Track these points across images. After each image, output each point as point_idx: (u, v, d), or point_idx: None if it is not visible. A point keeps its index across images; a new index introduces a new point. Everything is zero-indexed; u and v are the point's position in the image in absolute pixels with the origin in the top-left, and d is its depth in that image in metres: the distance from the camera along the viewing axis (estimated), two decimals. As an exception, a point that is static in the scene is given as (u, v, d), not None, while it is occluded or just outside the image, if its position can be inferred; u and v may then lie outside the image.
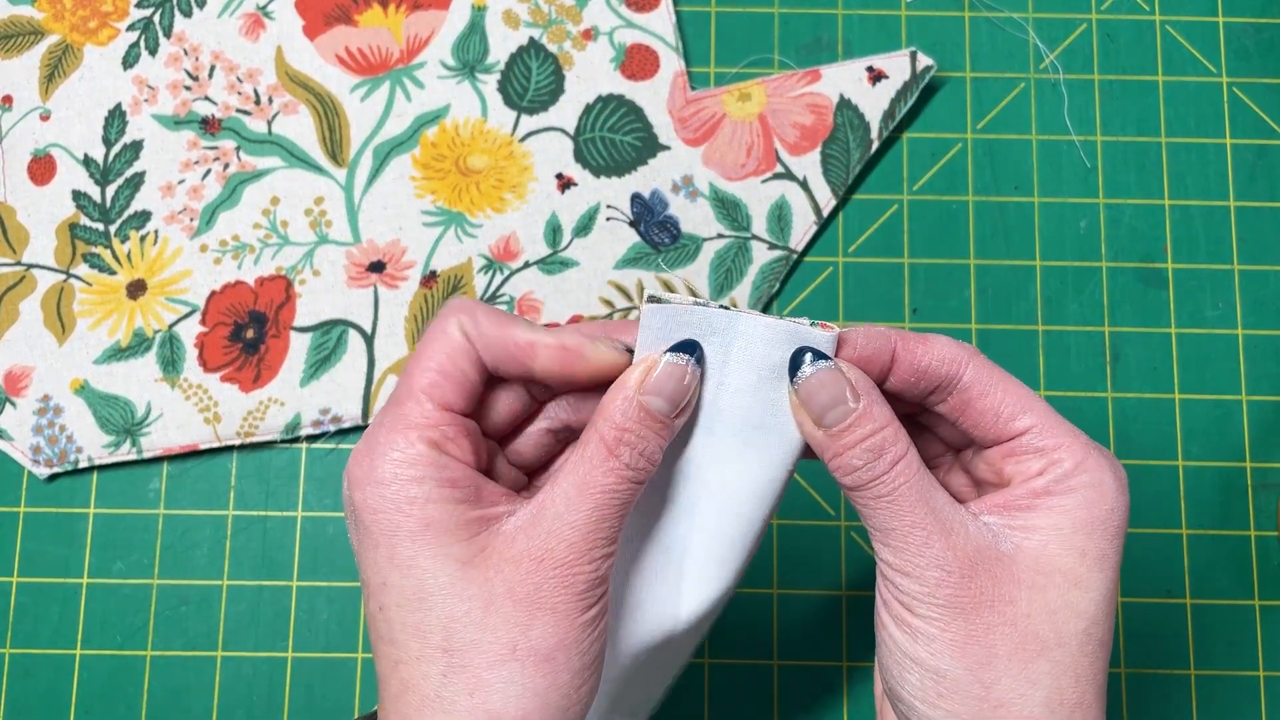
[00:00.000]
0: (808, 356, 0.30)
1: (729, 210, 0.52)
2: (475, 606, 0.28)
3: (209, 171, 0.53)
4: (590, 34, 0.54)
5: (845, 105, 0.53)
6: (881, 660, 0.30)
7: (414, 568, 0.28)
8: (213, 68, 0.54)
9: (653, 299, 0.30)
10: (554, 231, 0.52)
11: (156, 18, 0.54)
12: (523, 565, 0.28)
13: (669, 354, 0.30)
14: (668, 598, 0.32)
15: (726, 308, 0.30)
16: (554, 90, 0.53)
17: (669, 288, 0.51)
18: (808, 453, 0.31)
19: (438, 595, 0.28)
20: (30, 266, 0.52)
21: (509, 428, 0.33)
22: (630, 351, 0.31)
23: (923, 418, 0.33)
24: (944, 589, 0.28)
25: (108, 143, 0.53)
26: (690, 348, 0.30)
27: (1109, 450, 0.30)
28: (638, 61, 0.54)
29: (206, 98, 0.53)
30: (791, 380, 0.30)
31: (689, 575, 0.32)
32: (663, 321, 0.30)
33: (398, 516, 0.28)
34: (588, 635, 0.29)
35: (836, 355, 0.30)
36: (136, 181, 0.53)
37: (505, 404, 0.32)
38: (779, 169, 0.52)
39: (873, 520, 0.29)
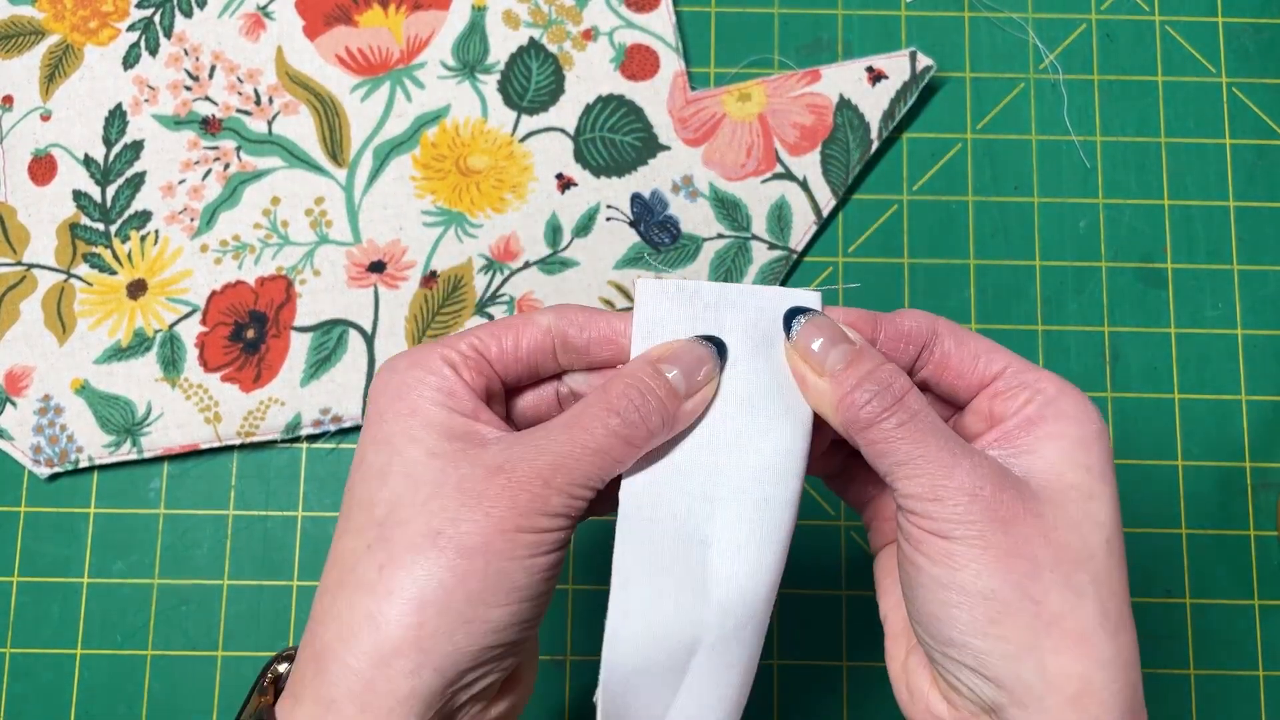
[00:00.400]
0: (799, 314, 0.31)
1: (729, 210, 0.52)
2: (423, 491, 0.28)
3: (209, 171, 0.53)
4: (590, 34, 0.54)
5: (845, 105, 0.53)
6: (920, 612, 0.30)
7: (387, 445, 0.29)
8: (213, 68, 0.54)
9: (646, 277, 0.30)
10: (554, 231, 0.52)
11: (157, 18, 0.54)
12: (481, 468, 0.29)
13: (692, 337, 0.31)
14: (692, 594, 0.30)
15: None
16: (554, 90, 0.53)
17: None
18: (816, 437, 0.31)
19: (397, 474, 0.29)
20: (31, 266, 0.52)
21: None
22: None
23: None
24: (979, 503, 0.28)
25: (108, 143, 0.53)
26: (715, 342, 0.31)
27: None
28: (638, 62, 0.54)
29: (207, 98, 0.53)
30: (788, 337, 0.31)
31: (714, 569, 0.30)
32: (655, 297, 0.31)
33: (393, 401, 0.30)
34: (515, 553, 0.28)
35: None
36: (137, 181, 0.53)
37: (531, 403, 0.34)
38: (779, 169, 0.52)
39: (892, 456, 0.29)
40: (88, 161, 0.53)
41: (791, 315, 0.31)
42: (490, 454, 0.29)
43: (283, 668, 0.33)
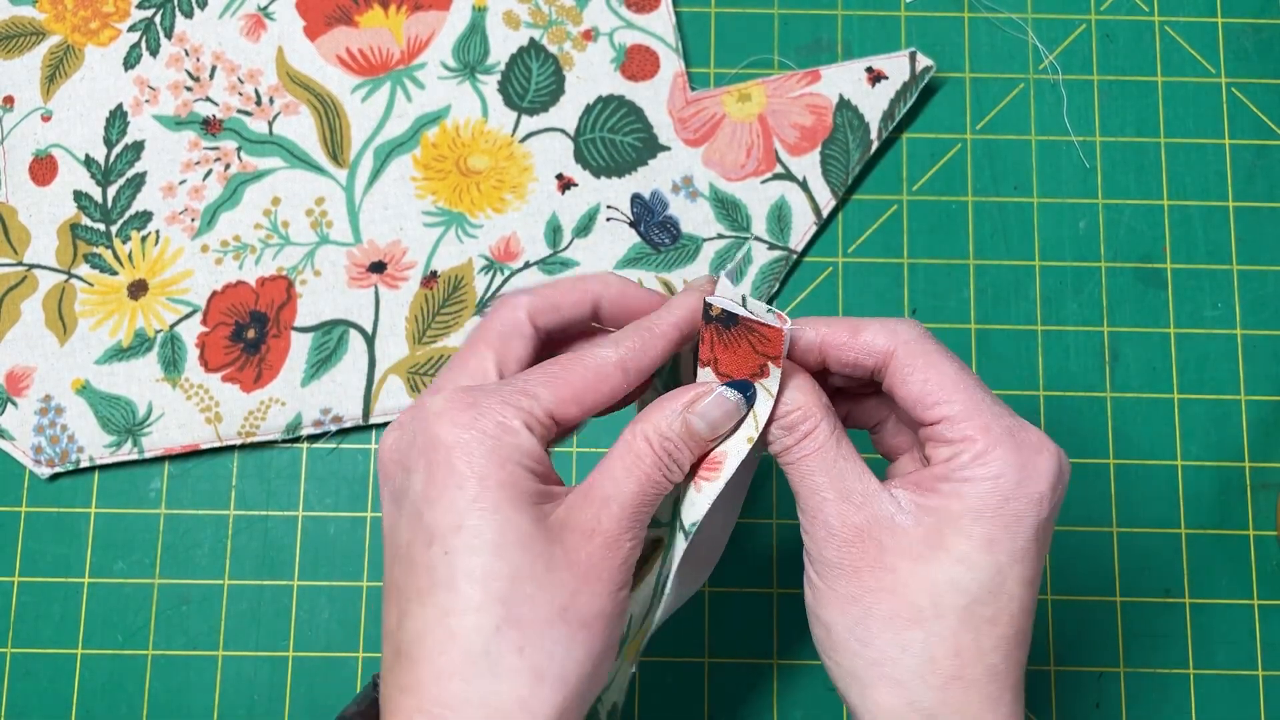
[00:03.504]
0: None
1: (729, 210, 0.52)
2: (540, 565, 0.29)
3: (210, 172, 0.53)
4: (590, 35, 0.54)
5: (845, 106, 0.53)
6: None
7: (498, 513, 0.29)
8: (214, 68, 0.54)
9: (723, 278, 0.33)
10: (554, 232, 0.52)
11: (157, 18, 0.54)
12: (577, 535, 0.30)
13: (723, 388, 0.32)
14: (696, 571, 0.36)
15: (746, 297, 0.33)
16: (554, 91, 0.54)
17: (669, 289, 0.52)
18: None
19: (513, 545, 0.29)
20: (31, 267, 0.52)
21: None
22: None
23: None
24: (829, 549, 0.31)
25: (109, 143, 0.53)
26: (745, 387, 0.32)
27: (1042, 437, 0.31)
28: (638, 62, 0.54)
29: (207, 98, 0.53)
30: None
31: (703, 556, 0.36)
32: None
33: (493, 462, 0.30)
34: (619, 610, 0.31)
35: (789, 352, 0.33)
36: (138, 182, 0.53)
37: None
38: (779, 169, 0.53)
39: (790, 483, 0.33)
40: (88, 162, 0.53)
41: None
42: (574, 516, 0.31)
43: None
